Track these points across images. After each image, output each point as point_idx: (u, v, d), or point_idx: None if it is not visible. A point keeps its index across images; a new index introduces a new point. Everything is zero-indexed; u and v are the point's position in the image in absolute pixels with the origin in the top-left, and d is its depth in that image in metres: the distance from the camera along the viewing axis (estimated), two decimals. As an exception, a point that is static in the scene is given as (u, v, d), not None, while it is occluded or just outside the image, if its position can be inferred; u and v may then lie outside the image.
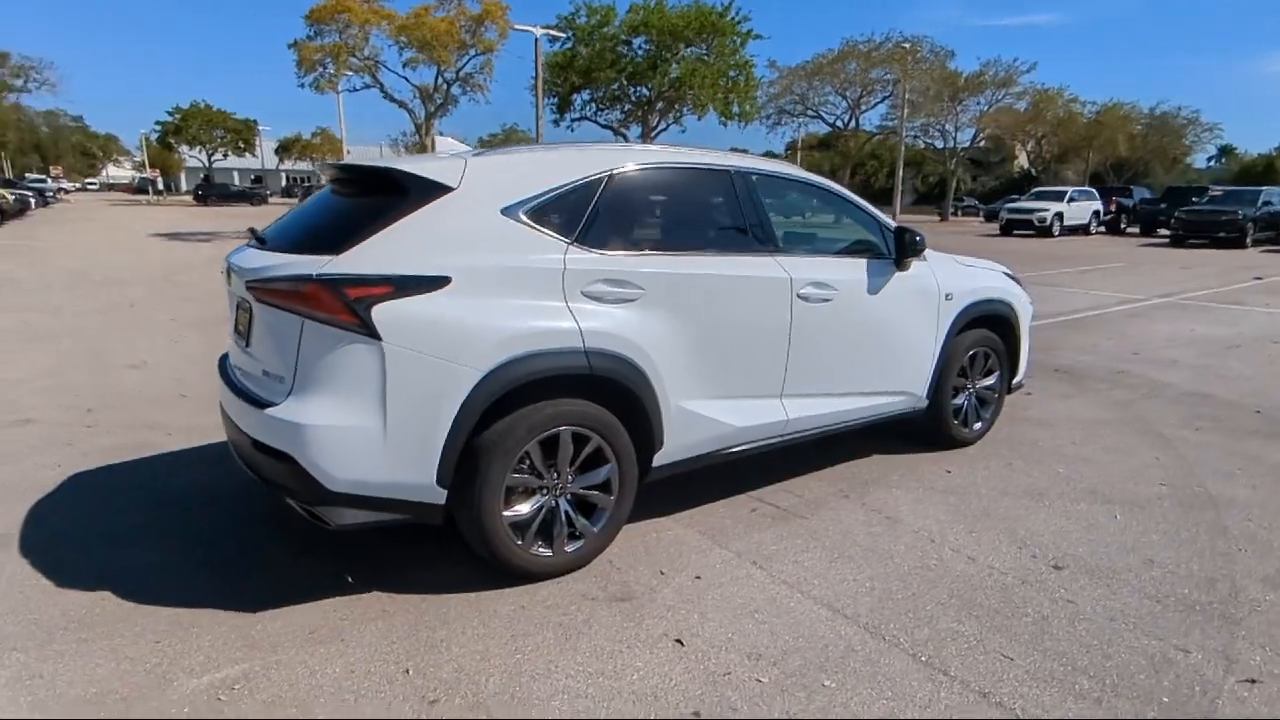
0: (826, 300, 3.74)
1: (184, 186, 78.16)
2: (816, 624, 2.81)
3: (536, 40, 23.51)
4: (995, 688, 2.45)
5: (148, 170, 69.93)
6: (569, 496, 3.14)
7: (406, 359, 2.69)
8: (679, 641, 2.70)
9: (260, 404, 2.82)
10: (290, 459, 2.70)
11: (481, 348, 2.79)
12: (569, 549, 3.14)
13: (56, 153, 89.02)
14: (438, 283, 2.76)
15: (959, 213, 49.65)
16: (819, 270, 3.75)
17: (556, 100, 26.25)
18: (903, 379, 4.21)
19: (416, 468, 2.76)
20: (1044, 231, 27.21)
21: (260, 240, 3.18)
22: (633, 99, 26.27)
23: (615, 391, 3.12)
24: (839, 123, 34.54)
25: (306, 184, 60.96)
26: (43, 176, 73.16)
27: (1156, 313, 10.06)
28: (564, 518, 3.12)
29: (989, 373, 4.74)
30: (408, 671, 2.52)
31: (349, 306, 2.64)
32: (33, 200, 37.81)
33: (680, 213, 3.60)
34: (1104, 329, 8.72)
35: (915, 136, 39.46)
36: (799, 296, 3.63)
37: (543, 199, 3.05)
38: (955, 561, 3.27)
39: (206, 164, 61.95)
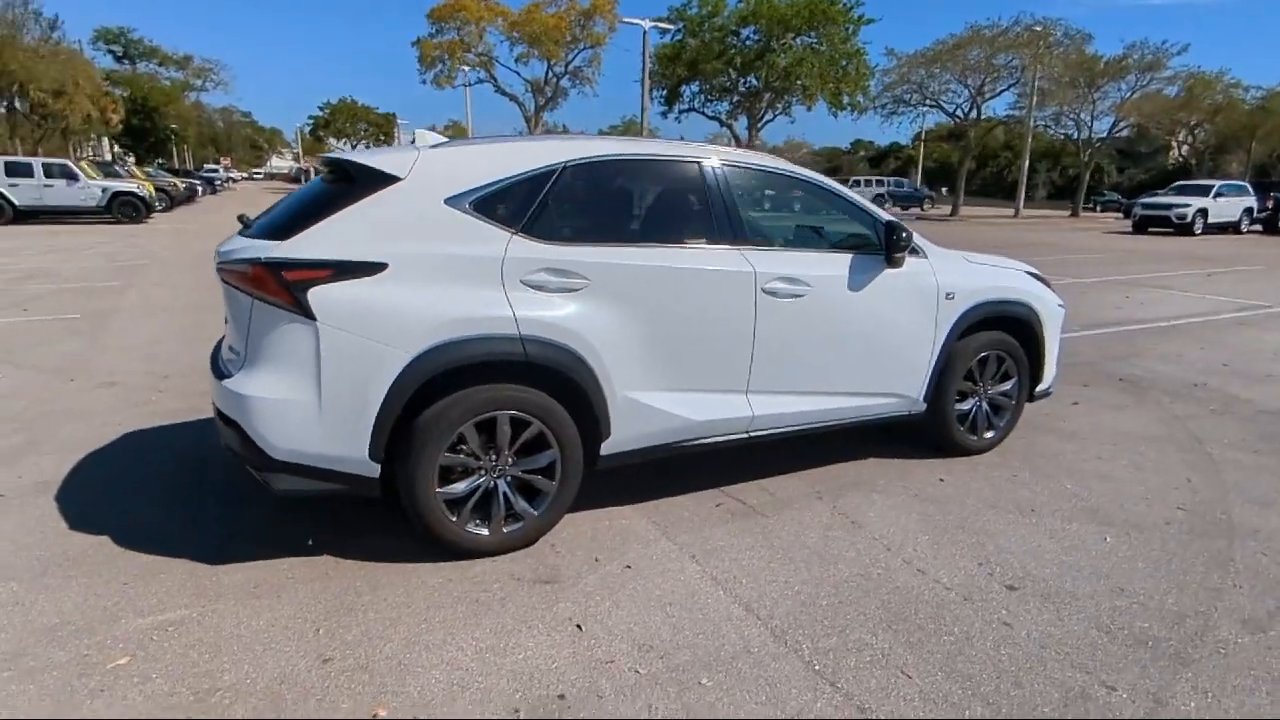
0: (798, 296, 3.60)
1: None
2: (724, 622, 2.74)
3: (645, 33, 23.60)
4: (878, 704, 2.32)
5: (302, 161, 75.50)
6: (509, 479, 3.20)
7: (340, 339, 2.83)
8: (579, 626, 2.71)
9: (221, 376, 3.05)
10: (239, 427, 2.91)
11: (411, 332, 2.89)
12: (506, 530, 3.21)
13: (229, 145, 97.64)
14: (374, 268, 2.88)
15: (1098, 208, 45.93)
16: (791, 265, 3.62)
17: (665, 92, 26.28)
18: (894, 380, 4.00)
19: (349, 442, 2.90)
20: (1184, 229, 24.74)
21: (246, 226, 3.41)
22: (741, 90, 25.93)
23: (556, 378, 3.15)
24: (959, 112, 32.66)
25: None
26: (216, 167, 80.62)
27: (1274, 322, 8.98)
28: (502, 499, 3.19)
29: (1004, 378, 4.42)
30: (318, 630, 2.67)
31: (287, 288, 2.81)
32: (200, 188, 41.67)
33: (638, 205, 3.57)
34: (1200, 337, 7.89)
35: (1045, 126, 36.71)
36: (765, 291, 3.52)
37: (489, 190, 3.11)
38: (901, 573, 3.10)
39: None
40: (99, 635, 2.63)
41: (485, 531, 3.18)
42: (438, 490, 3.06)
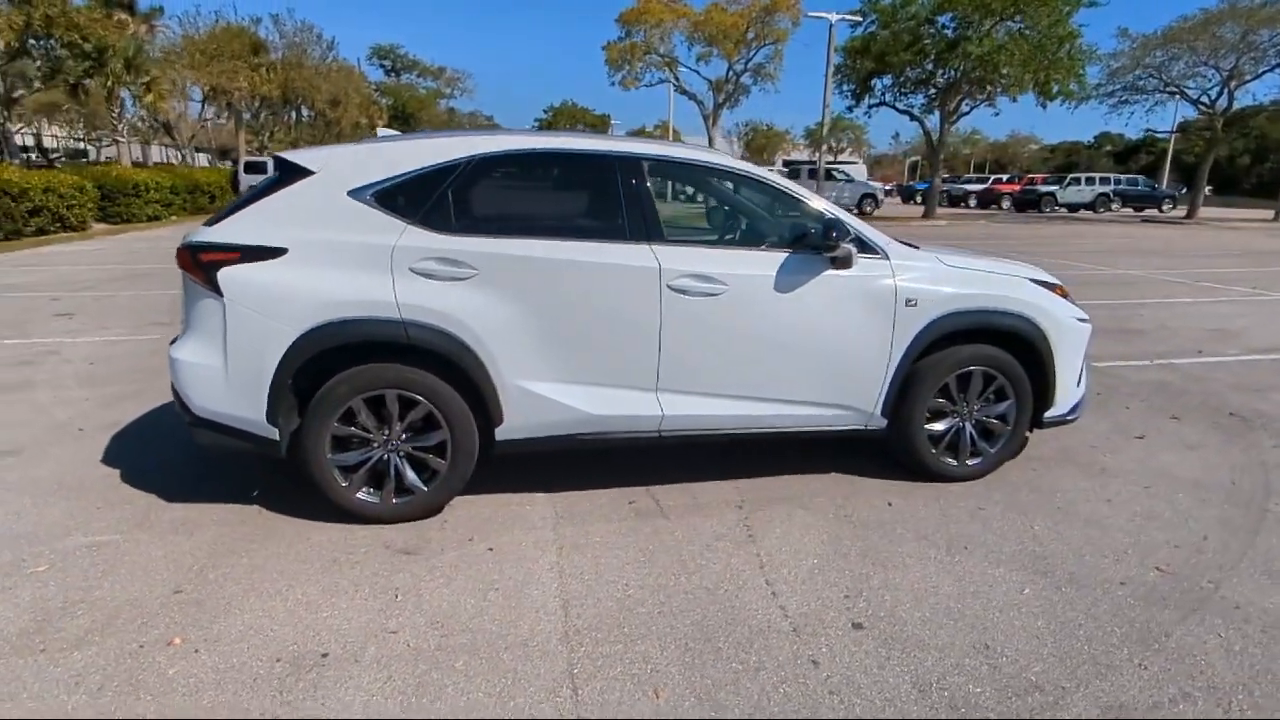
0: (712, 294, 3.43)
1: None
2: (529, 614, 2.73)
3: (831, 26, 22.75)
4: (610, 713, 2.22)
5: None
6: (401, 454, 3.39)
7: (242, 314, 3.16)
8: (396, 596, 2.83)
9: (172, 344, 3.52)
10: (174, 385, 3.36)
11: (300, 311, 3.16)
12: (396, 501, 3.39)
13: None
14: (275, 252, 3.19)
15: None
16: (706, 262, 3.44)
17: (853, 87, 25.15)
18: (840, 391, 3.66)
19: (250, 405, 3.23)
20: None
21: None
22: (939, 82, 24.16)
23: (441, 362, 3.28)
24: (1205, 98, 27.70)
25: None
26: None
27: None
28: (393, 472, 3.38)
29: (999, 399, 3.86)
30: (196, 567, 3.02)
31: (202, 268, 3.19)
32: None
33: (542, 198, 3.57)
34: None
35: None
36: (671, 288, 3.39)
37: (391, 183, 3.29)
38: (752, 594, 2.87)
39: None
40: (42, 546, 3.17)
41: (376, 500, 3.38)
42: (329, 457, 3.31)
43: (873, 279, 3.59)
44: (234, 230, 3.22)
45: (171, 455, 4.16)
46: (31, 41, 23.31)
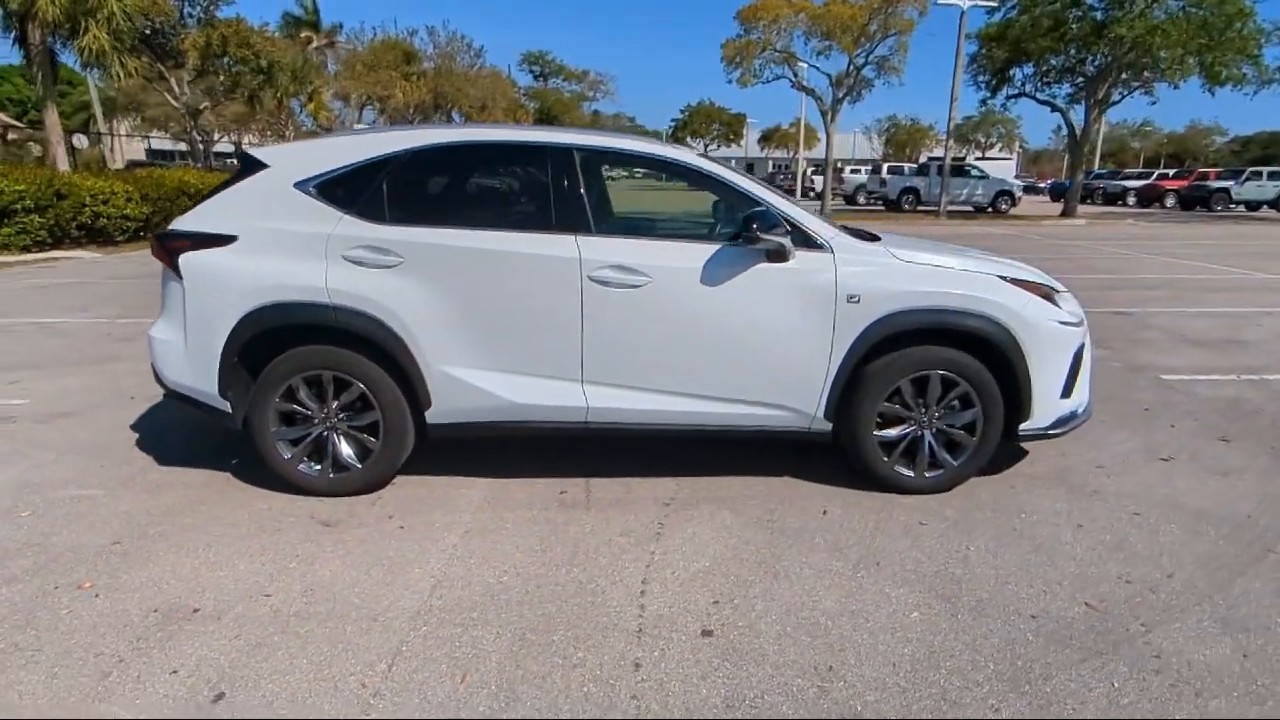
0: (634, 286, 3.35)
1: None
2: (392, 589, 2.79)
3: (962, 13, 21.35)
4: (379, 696, 2.24)
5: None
6: (339, 432, 3.56)
7: (198, 295, 3.44)
8: (291, 563, 2.99)
9: (157, 321, 3.88)
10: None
11: (243, 293, 3.39)
12: (333, 475, 3.57)
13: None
14: (225, 240, 3.44)
15: None
16: (629, 254, 3.37)
17: (988, 78, 23.50)
18: (775, 389, 3.47)
19: (205, 379, 3.51)
20: None
21: None
22: (1087, 70, 22.12)
23: (369, 345, 3.42)
24: None
25: (787, 172, 64.90)
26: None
27: None
28: (331, 449, 3.56)
29: (964, 406, 3.51)
30: (145, 525, 3.32)
31: (168, 254, 3.50)
32: (568, 184, 47.94)
33: (471, 189, 3.61)
34: None
35: None
36: (592, 279, 3.35)
37: (331, 175, 3.46)
38: (616, 592, 2.78)
39: (702, 153, 70.27)
40: (39, 495, 3.59)
41: (314, 474, 3.58)
42: (273, 430, 3.53)
43: (811, 273, 3.37)
44: (195, 220, 3.51)
45: (189, 423, 4.56)
46: (215, 60, 26.13)
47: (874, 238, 3.71)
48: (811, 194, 41.18)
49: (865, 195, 32.25)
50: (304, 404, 3.52)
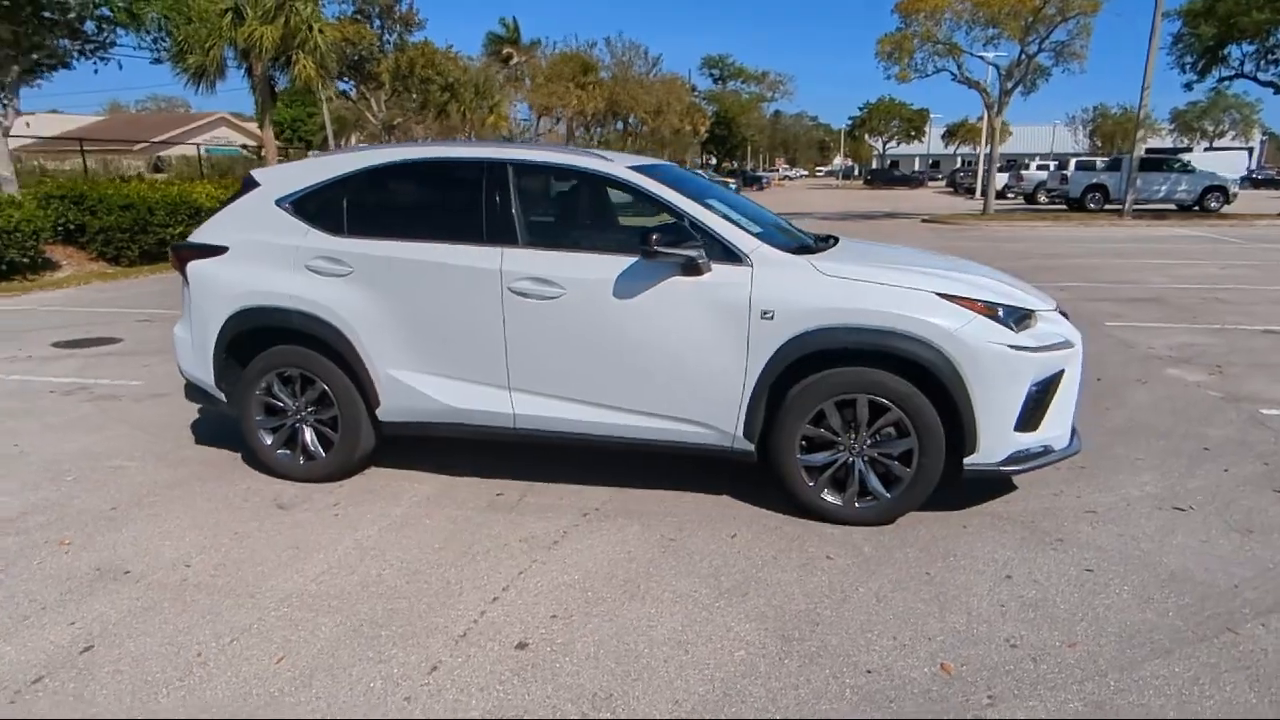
0: (550, 298, 3.38)
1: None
2: (285, 571, 3.03)
3: (1160, -13, 18.73)
4: (214, 658, 2.46)
5: (842, 159, 79.40)
6: (309, 425, 3.90)
7: (199, 299, 3.93)
8: (229, 538, 3.34)
9: (185, 320, 4.44)
10: (177, 353, 4.27)
11: (228, 297, 3.82)
12: (303, 463, 3.92)
13: (796, 147, 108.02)
14: (219, 250, 3.89)
15: None
16: (546, 266, 3.40)
17: (1194, 59, 20.48)
18: (688, 405, 3.34)
19: (205, 371, 3.99)
20: None
21: None
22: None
23: (323, 346, 3.72)
24: None
25: (968, 168, 60.37)
26: (775, 168, 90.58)
27: None
28: (302, 441, 3.91)
29: (902, 435, 3.19)
30: (144, 496, 3.85)
31: (179, 262, 4.02)
32: (734, 185, 47.78)
33: (415, 203, 3.77)
34: None
35: None
36: (512, 290, 3.42)
37: (303, 192, 3.81)
38: (468, 597, 2.83)
39: (881, 150, 67.10)
40: (89, 463, 4.24)
41: (289, 460, 3.94)
42: (257, 419, 3.94)
43: (725, 287, 3.22)
44: (201, 232, 4.00)
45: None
46: (404, 80, 28.87)
47: (825, 244, 3.47)
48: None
49: (1045, 194, 29.26)
50: (279, 397, 3.89)
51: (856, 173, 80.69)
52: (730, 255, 3.27)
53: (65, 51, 16.60)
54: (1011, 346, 3.05)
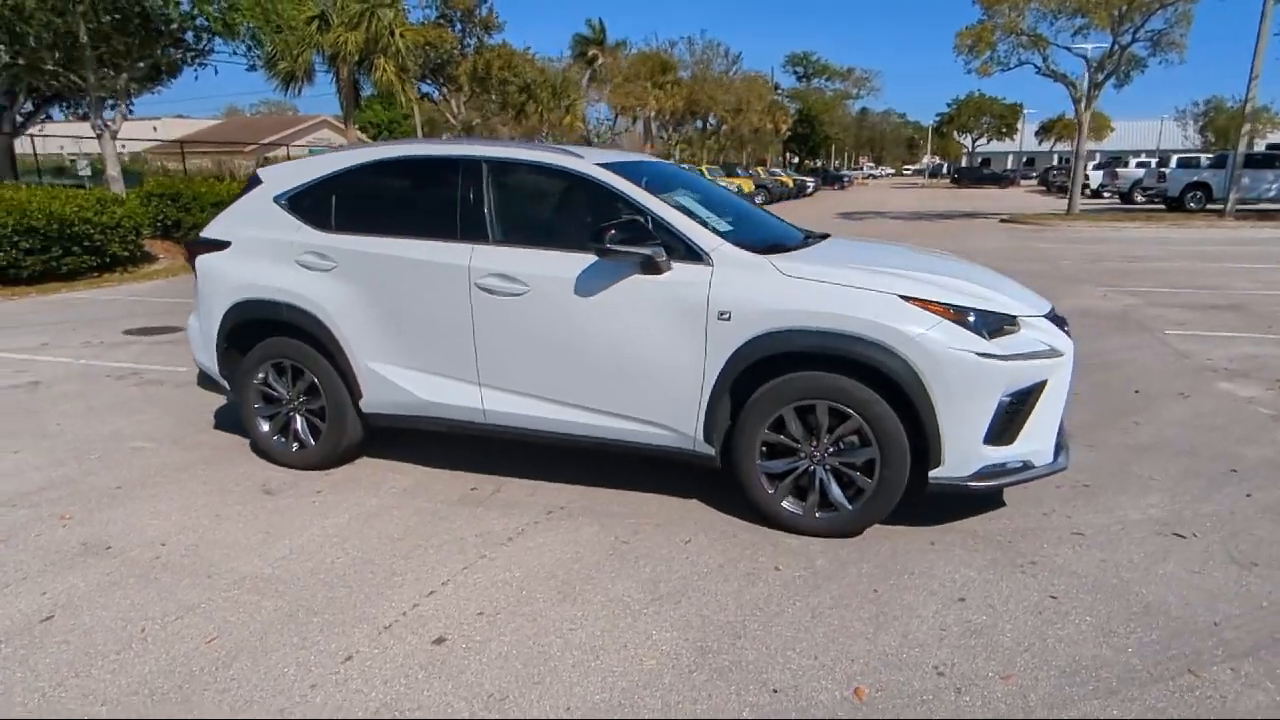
0: (515, 295, 3.37)
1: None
2: (250, 555, 3.13)
3: (1272, -31, 17.18)
4: (160, 630, 2.56)
5: (929, 157, 76.66)
6: (301, 414, 4.03)
7: (206, 291, 4.12)
8: (209, 520, 3.48)
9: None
10: (192, 342, 4.49)
11: (228, 290, 3.99)
12: (294, 450, 4.05)
13: (882, 145, 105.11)
14: (223, 245, 4.07)
15: None
16: (511, 263, 3.39)
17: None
18: (648, 405, 3.27)
19: (210, 359, 4.18)
20: None
21: None
22: None
23: (310, 339, 3.83)
24: None
25: (1062, 166, 57.13)
26: (859, 167, 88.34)
27: None
28: (294, 429, 4.04)
29: (865, 444, 3.02)
30: (147, 472, 4.06)
31: (190, 256, 4.22)
32: (811, 185, 46.72)
33: (394, 199, 3.80)
34: None
35: None
36: (479, 287, 3.43)
37: (297, 190, 3.93)
38: (407, 589, 2.86)
39: (969, 148, 64.36)
40: (117, 443, 4.51)
41: (283, 447, 4.08)
42: (255, 407, 4.10)
43: (684, 286, 3.14)
44: (209, 228, 4.18)
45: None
46: (481, 82, 29.58)
47: (806, 243, 3.33)
48: (1087, 190, 35.99)
49: (1141, 193, 27.38)
50: (274, 387, 4.03)
51: (945, 171, 77.73)
52: (692, 254, 3.18)
53: (170, 60, 17.81)
54: (979, 354, 2.85)
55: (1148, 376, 5.40)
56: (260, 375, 4.02)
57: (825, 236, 4.10)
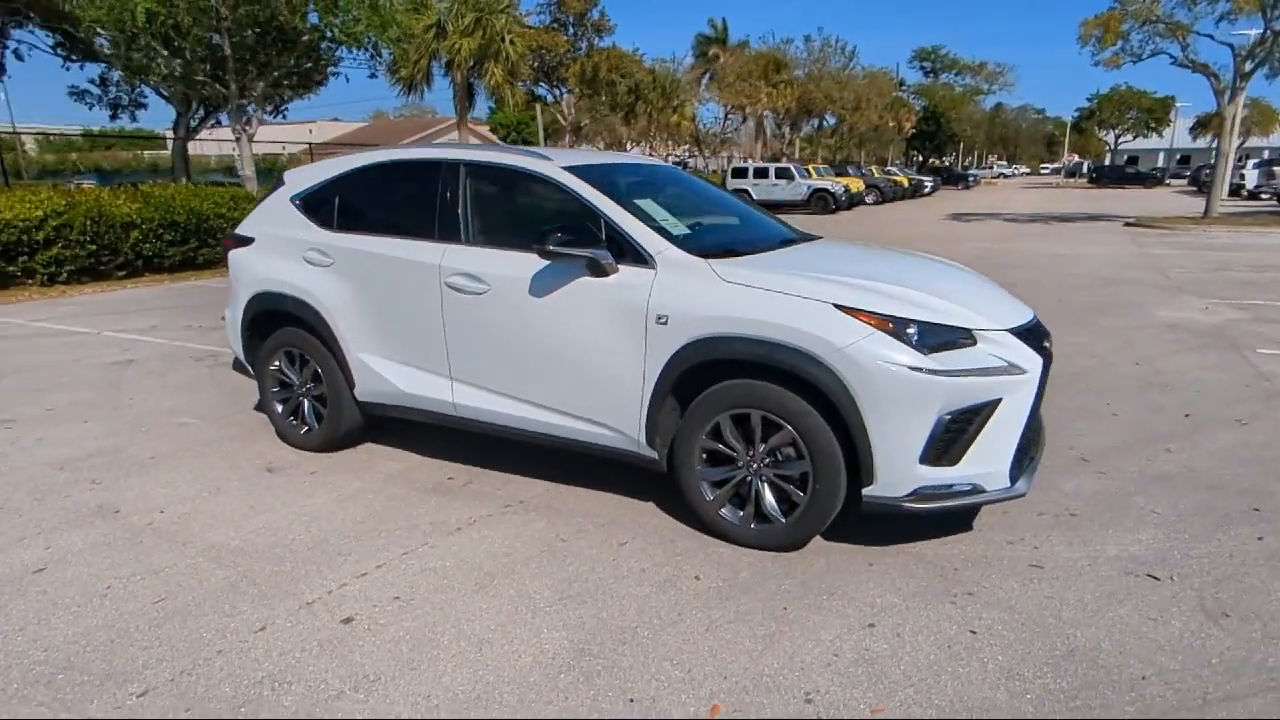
0: (478, 294, 3.46)
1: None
2: (229, 528, 3.38)
3: None
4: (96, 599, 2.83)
5: (1066, 155, 71.32)
6: (309, 399, 4.30)
7: (233, 282, 4.47)
8: (207, 492, 3.79)
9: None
10: (237, 333, 4.87)
11: (251, 281, 4.31)
12: (303, 433, 4.32)
13: (1017, 142, 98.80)
14: (248, 241, 4.40)
15: None
16: (477, 262, 3.48)
17: None
18: (597, 408, 3.27)
19: (239, 347, 4.55)
20: None
21: None
22: None
23: (311, 329, 4.08)
24: None
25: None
26: (989, 165, 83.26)
27: None
28: (302, 413, 4.32)
29: (799, 456, 2.89)
30: (177, 449, 4.46)
31: (226, 250, 4.59)
32: (930, 184, 44.52)
33: (384, 200, 3.95)
34: None
35: None
36: (448, 285, 3.55)
37: (307, 191, 4.20)
38: (338, 569, 3.00)
39: (1112, 145, 59.28)
40: (168, 418, 4.99)
41: (294, 430, 4.37)
42: (272, 391, 4.42)
43: (628, 289, 3.12)
44: (242, 226, 4.53)
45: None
46: (589, 84, 30.17)
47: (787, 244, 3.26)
48: (1243, 191, 32.42)
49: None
50: (286, 373, 4.33)
51: (1084, 170, 71.99)
52: (639, 257, 3.15)
53: (305, 69, 19.35)
54: (911, 368, 2.66)
55: (1209, 399, 4.84)
56: (276, 363, 4.32)
57: (815, 238, 3.96)
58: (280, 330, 4.26)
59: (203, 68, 17.37)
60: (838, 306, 2.78)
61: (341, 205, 4.07)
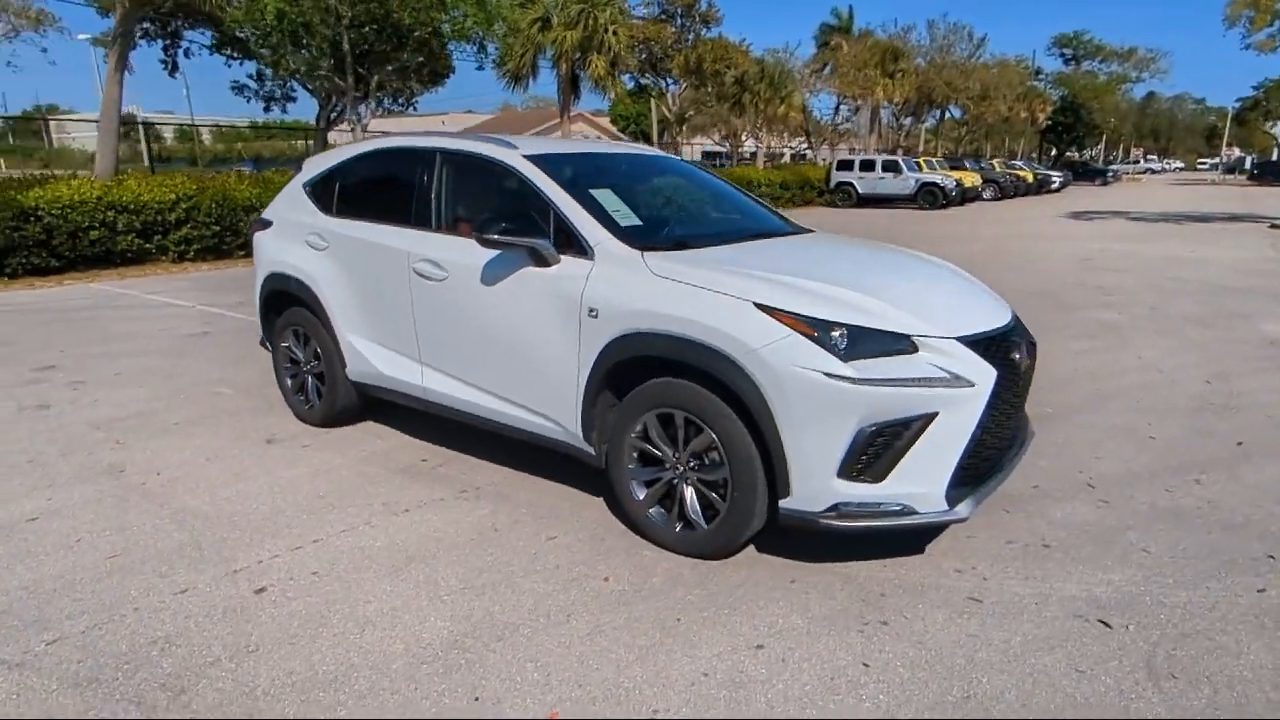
0: (439, 280, 3.48)
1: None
2: (212, 493, 3.57)
3: None
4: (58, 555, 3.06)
5: (1225, 149, 64.37)
6: (312, 377, 4.48)
7: (256, 263, 4.73)
8: (203, 460, 4.02)
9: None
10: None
11: (266, 263, 4.54)
12: (306, 409, 4.52)
13: (1171, 135, 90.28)
14: (267, 224, 4.63)
15: None
16: (440, 250, 3.50)
17: None
18: (538, 399, 3.21)
19: (260, 325, 4.80)
20: None
21: None
22: None
23: (311, 310, 4.25)
24: None
25: None
26: (1137, 160, 76.26)
27: None
28: (306, 389, 4.52)
29: (721, 461, 2.72)
30: (197, 418, 4.77)
31: (252, 234, 4.85)
32: (1058, 179, 41.23)
33: (373, 188, 4.02)
34: None
35: None
36: (415, 271, 3.59)
37: (315, 178, 4.36)
38: (280, 539, 3.10)
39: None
40: (206, 389, 5.35)
41: (300, 404, 4.58)
42: (285, 367, 4.64)
43: (566, 280, 3.04)
44: (266, 210, 4.78)
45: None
46: (693, 75, 29.91)
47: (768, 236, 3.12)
48: None
49: None
50: (293, 350, 4.53)
51: (1245, 166, 64.66)
52: (581, 248, 3.06)
53: (418, 63, 20.28)
54: (827, 374, 2.43)
55: (1274, 426, 4.19)
56: (286, 341, 4.53)
57: (804, 232, 3.73)
58: (289, 310, 4.45)
59: (326, 62, 18.50)
60: (758, 306, 2.59)
61: (339, 191, 4.20)
